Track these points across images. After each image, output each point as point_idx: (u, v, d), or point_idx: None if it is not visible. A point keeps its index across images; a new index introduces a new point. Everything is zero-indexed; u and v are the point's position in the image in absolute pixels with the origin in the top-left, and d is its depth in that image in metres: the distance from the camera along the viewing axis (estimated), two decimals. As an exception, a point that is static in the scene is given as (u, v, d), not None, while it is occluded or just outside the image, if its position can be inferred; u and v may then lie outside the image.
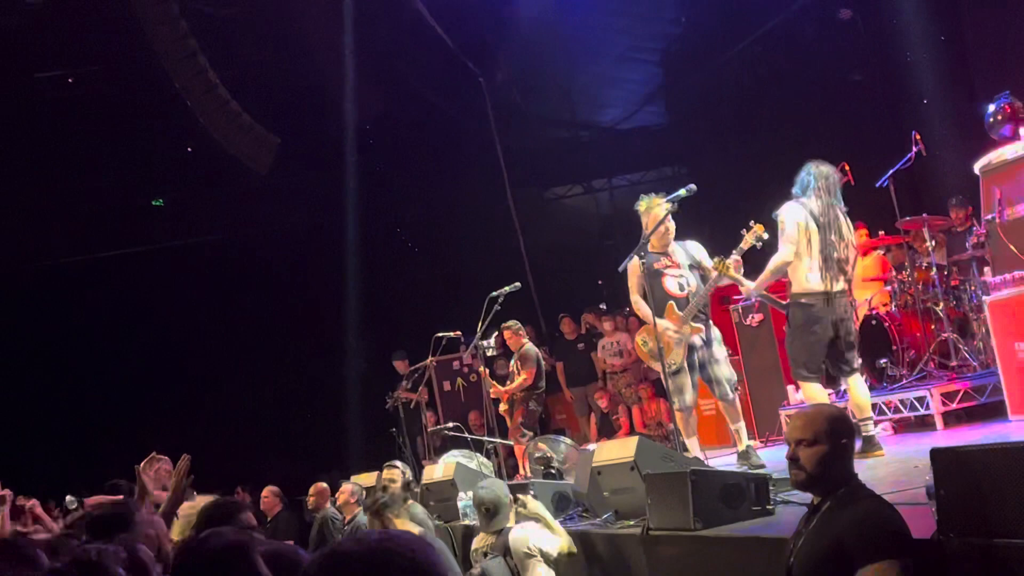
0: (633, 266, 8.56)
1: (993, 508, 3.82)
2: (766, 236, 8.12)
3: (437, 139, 18.45)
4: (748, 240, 8.19)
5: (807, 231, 7.82)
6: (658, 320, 8.32)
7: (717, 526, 5.72)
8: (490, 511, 7.22)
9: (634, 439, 6.89)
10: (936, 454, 4.15)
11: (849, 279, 8.07)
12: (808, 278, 7.83)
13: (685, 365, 8.49)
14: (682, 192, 7.75)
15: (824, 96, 14.87)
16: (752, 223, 8.20)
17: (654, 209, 8.51)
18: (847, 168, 10.46)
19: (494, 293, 10.35)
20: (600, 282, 18.93)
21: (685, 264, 8.66)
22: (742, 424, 8.86)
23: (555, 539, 6.87)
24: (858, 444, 6.56)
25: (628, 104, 19.68)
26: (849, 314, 8.03)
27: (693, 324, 8.52)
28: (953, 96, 12.81)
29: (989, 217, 8.47)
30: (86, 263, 18.35)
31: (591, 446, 7.96)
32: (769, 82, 15.86)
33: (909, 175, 10.26)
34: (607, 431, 14.10)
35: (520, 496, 7.24)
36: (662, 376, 8.46)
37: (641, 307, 8.64)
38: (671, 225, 8.60)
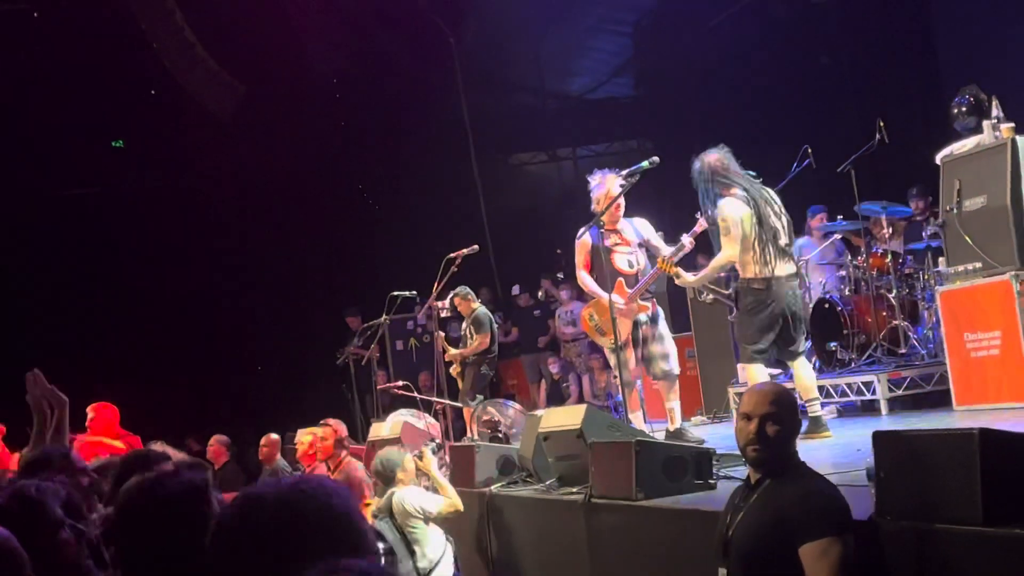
0: (582, 241, 8.63)
1: (931, 493, 3.86)
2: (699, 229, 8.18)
3: (404, 98, 18.33)
4: (701, 224, 8.20)
5: (751, 223, 7.74)
6: (607, 296, 8.30)
7: (658, 497, 5.75)
8: (388, 479, 7.48)
9: (582, 407, 6.93)
10: (878, 437, 4.19)
11: (795, 258, 8.09)
12: (755, 266, 7.80)
13: (630, 340, 8.52)
14: (644, 164, 7.74)
15: (791, 77, 14.90)
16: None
17: (604, 188, 8.53)
18: (809, 151, 10.55)
19: (451, 255, 10.32)
20: (559, 251, 18.93)
21: (635, 242, 8.67)
22: (677, 404, 8.86)
23: (437, 499, 7.29)
24: (804, 425, 6.63)
25: (597, 74, 19.65)
26: (798, 297, 8.06)
27: (641, 302, 8.56)
28: (918, 85, 12.90)
29: (948, 208, 8.52)
30: (43, 200, 18.11)
31: (539, 411, 7.97)
32: (738, 60, 15.86)
33: (871, 161, 10.31)
34: (556, 399, 14.17)
35: (423, 448, 7.69)
36: (606, 351, 8.50)
37: (587, 282, 8.66)
38: (621, 202, 8.56)
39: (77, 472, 5.46)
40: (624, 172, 7.80)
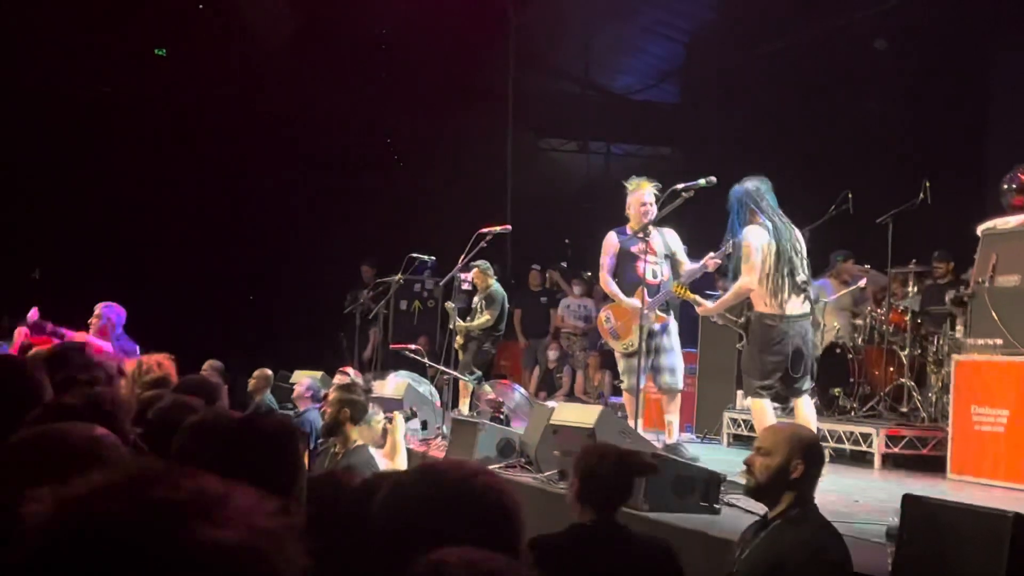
0: (610, 242, 8.87)
1: (953, 565, 3.93)
2: (719, 261, 8.30)
3: (451, 61, 18.27)
4: (728, 248, 8.31)
5: (770, 254, 7.78)
6: (628, 301, 8.58)
7: (663, 512, 5.82)
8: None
9: (598, 408, 7.00)
10: (908, 500, 4.25)
11: (810, 297, 8.14)
12: (770, 300, 7.79)
13: (643, 348, 8.59)
14: (701, 182, 7.80)
15: (839, 119, 14.92)
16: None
17: (636, 194, 8.79)
18: (849, 197, 10.60)
19: (484, 231, 10.32)
20: (567, 241, 19.00)
21: (662, 253, 8.83)
22: (676, 417, 9.01)
23: (390, 466, 7.24)
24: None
25: (643, 76, 19.65)
26: (809, 337, 8.06)
27: (658, 312, 8.72)
28: (966, 152, 12.95)
29: (980, 279, 8.59)
30: (78, 98, 18.00)
31: (550, 402, 8.05)
32: (788, 91, 15.87)
33: (908, 218, 10.35)
34: (547, 387, 14.23)
35: (395, 413, 7.62)
36: (616, 354, 8.74)
37: (610, 284, 8.88)
38: (653, 211, 8.71)
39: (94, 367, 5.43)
40: (681, 186, 7.84)
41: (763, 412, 7.92)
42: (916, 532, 4.13)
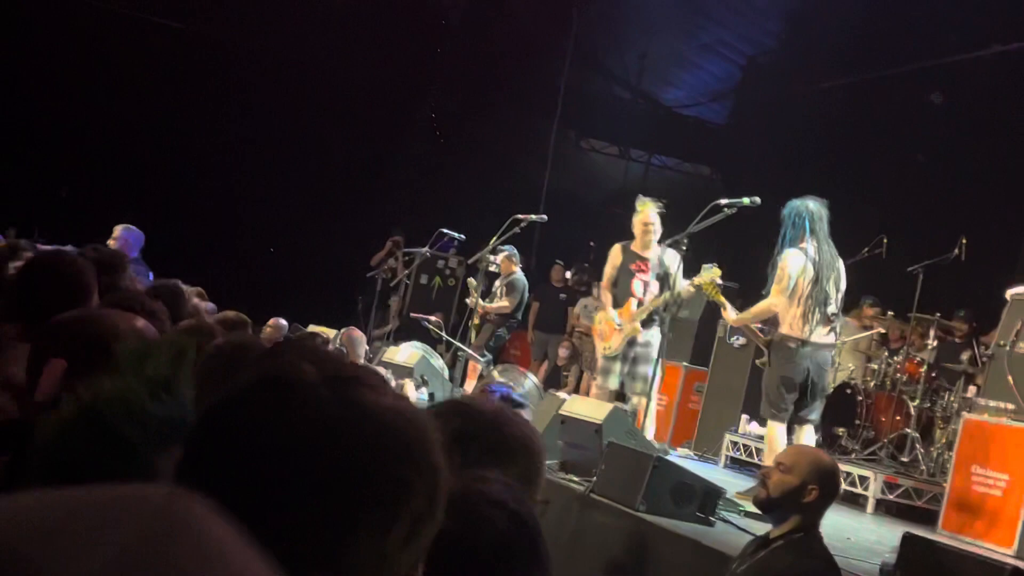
0: (615, 255, 9.46)
1: (944, 608, 3.97)
2: (719, 283, 8.42)
3: (508, 49, 18.31)
4: (705, 278, 8.68)
5: (804, 279, 7.80)
6: (612, 313, 9.35)
7: (658, 516, 5.87)
8: None
9: (609, 405, 7.05)
10: (908, 539, 4.30)
11: (836, 330, 8.15)
12: (797, 324, 7.82)
13: (621, 353, 9.22)
14: (745, 200, 7.83)
15: (884, 165, 14.93)
16: (712, 266, 8.49)
17: (640, 214, 9.31)
18: (885, 241, 10.64)
19: (519, 216, 10.35)
20: (592, 243, 19.01)
21: (654, 272, 9.29)
22: (652, 424, 9.18)
23: None
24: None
25: (695, 92, 19.65)
26: (825, 369, 8.09)
27: (639, 325, 9.18)
28: (1008, 217, 12.94)
29: (1002, 343, 8.60)
30: (119, 19, 17.97)
31: (561, 393, 8.12)
32: (838, 129, 15.87)
33: (939, 272, 10.38)
34: (554, 383, 14.26)
35: (406, 381, 7.68)
36: (598, 354, 9.56)
37: (605, 295, 9.52)
38: (656, 230, 9.25)
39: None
40: (724, 201, 7.88)
41: (776, 437, 7.92)
42: (912, 571, 4.17)
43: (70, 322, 2.68)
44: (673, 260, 9.18)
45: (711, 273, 8.56)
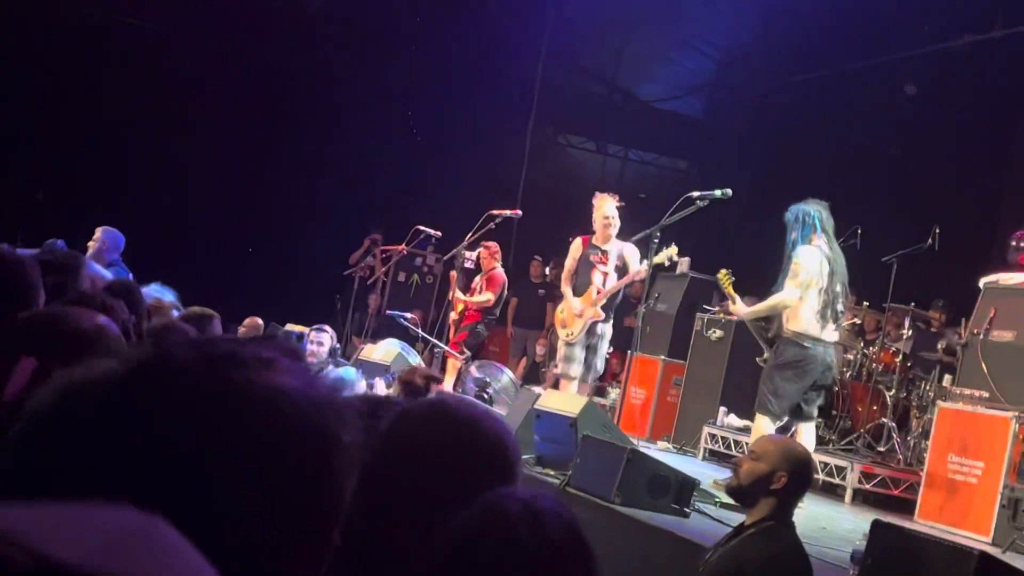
0: (575, 248, 10.06)
1: (913, 593, 4.00)
2: (676, 259, 8.55)
3: (483, 45, 18.30)
4: (662, 256, 9.09)
5: (821, 276, 7.81)
6: (573, 300, 9.86)
7: (634, 508, 5.89)
8: None
9: (583, 398, 7.07)
10: (877, 526, 4.32)
11: (840, 329, 8.15)
12: (809, 322, 7.78)
13: (582, 340, 9.68)
14: (717, 193, 7.84)
15: (859, 157, 14.98)
16: (648, 238, 8.63)
17: (600, 208, 9.92)
18: (859, 232, 10.67)
19: (494, 212, 10.39)
20: (570, 239, 18.98)
21: (613, 264, 9.75)
22: None
23: None
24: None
25: (671, 86, 19.66)
26: (832, 365, 8.09)
27: (599, 310, 9.66)
28: (980, 206, 13.02)
29: (975, 331, 8.65)
30: (103, 25, 17.97)
31: (536, 388, 8.14)
32: (813, 122, 15.94)
33: (912, 262, 10.43)
34: (532, 379, 14.28)
35: (377, 379, 8.14)
36: (559, 342, 10.01)
37: (565, 285, 10.09)
38: (615, 224, 9.80)
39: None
40: (696, 194, 7.90)
41: (763, 431, 7.78)
42: (881, 557, 4.20)
43: (35, 320, 2.68)
44: (633, 253, 9.58)
45: (668, 251, 8.92)
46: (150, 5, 18.13)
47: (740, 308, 8.42)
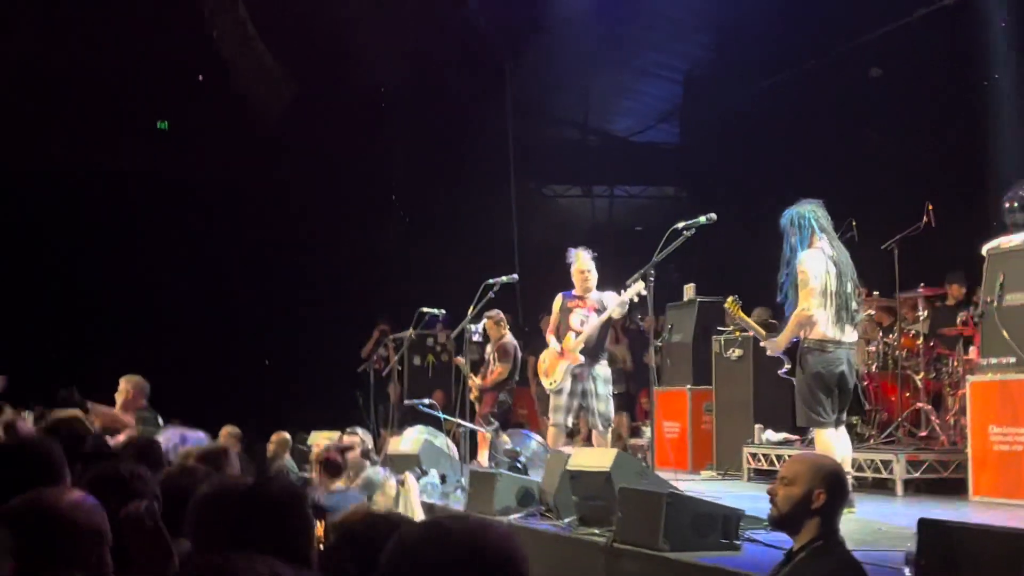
0: (557, 301, 10.25)
1: (970, 585, 3.92)
2: (644, 293, 8.48)
3: (450, 117, 18.43)
4: (629, 293, 9.26)
5: (829, 278, 7.67)
6: (553, 343, 10.02)
7: (683, 551, 5.81)
8: (368, 496, 8.17)
9: (613, 451, 7.01)
10: (924, 524, 4.25)
11: (856, 328, 8.01)
12: (826, 327, 7.63)
13: (566, 388, 9.74)
14: (702, 219, 7.77)
15: (840, 149, 14.97)
16: (643, 277, 8.53)
17: (576, 263, 10.13)
18: (854, 224, 10.62)
19: (491, 281, 10.37)
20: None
21: (592, 308, 9.92)
22: None
23: None
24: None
25: (642, 117, 19.73)
26: (853, 366, 7.94)
27: (576, 355, 9.74)
28: (967, 173, 12.97)
29: (988, 299, 8.60)
30: (79, 174, 18.17)
31: (567, 449, 8.09)
32: (787, 124, 15.93)
33: (914, 243, 10.37)
34: (567, 433, 14.17)
35: (407, 474, 8.28)
36: (545, 390, 10.20)
37: (551, 340, 10.12)
38: (592, 276, 10.03)
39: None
40: (683, 224, 7.84)
41: (827, 443, 7.64)
42: (934, 556, 4.13)
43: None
44: (611, 300, 9.76)
45: (635, 288, 8.96)
46: (130, 144, 18.37)
47: (773, 343, 8.12)
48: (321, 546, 2.85)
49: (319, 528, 3.19)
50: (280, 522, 2.62)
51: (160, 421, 9.52)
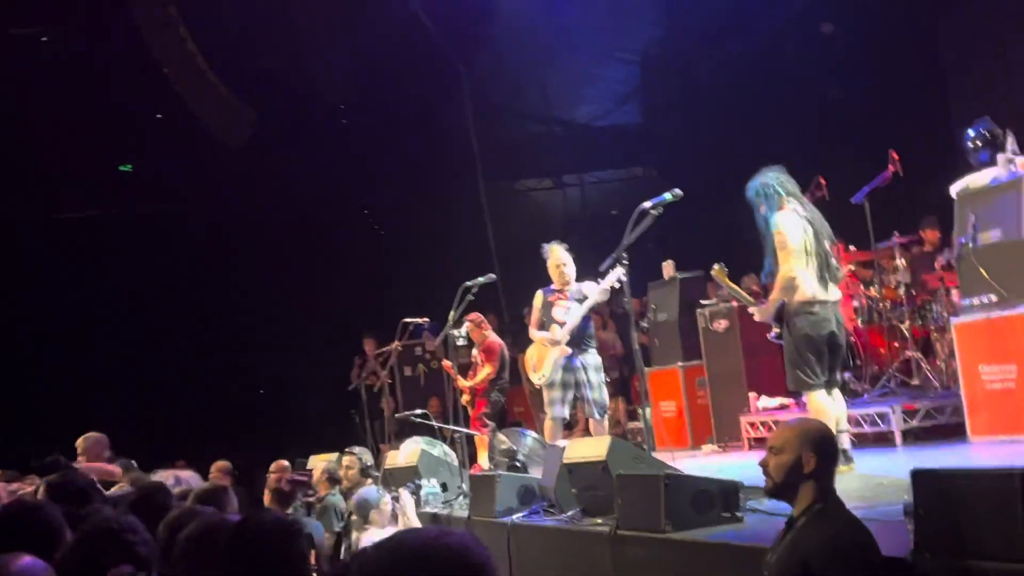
0: (537, 298, 10.12)
1: (968, 530, 3.90)
2: (623, 279, 8.22)
3: (412, 124, 18.41)
4: (610, 280, 9.13)
5: (807, 237, 7.59)
6: (539, 334, 9.90)
7: (686, 530, 5.79)
8: (364, 516, 8.12)
9: (607, 439, 6.98)
10: (917, 475, 4.21)
11: (838, 284, 7.96)
12: (810, 287, 7.56)
13: (557, 380, 9.61)
14: (667, 196, 7.68)
15: (802, 109, 14.99)
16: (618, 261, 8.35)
17: (551, 258, 10.04)
18: (823, 182, 10.62)
19: (468, 283, 10.32)
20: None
21: (572, 299, 9.83)
22: None
23: None
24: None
25: (604, 102, 19.73)
26: (841, 324, 7.88)
27: (563, 347, 9.66)
28: (930, 117, 12.99)
29: (962, 240, 8.58)
30: (47, 223, 18.15)
31: (561, 442, 8.04)
32: (747, 91, 15.95)
33: (884, 193, 10.37)
34: (565, 425, 14.14)
35: (401, 491, 8.22)
36: (536, 384, 10.10)
37: (535, 335, 10.03)
38: (569, 269, 9.97)
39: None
40: (649, 204, 7.77)
41: (819, 405, 7.55)
42: (931, 505, 4.10)
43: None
44: (592, 289, 9.61)
45: (614, 274, 8.73)
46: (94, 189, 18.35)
47: (761, 309, 8.08)
48: None
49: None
50: (270, 557, 2.61)
51: (135, 464, 9.50)
